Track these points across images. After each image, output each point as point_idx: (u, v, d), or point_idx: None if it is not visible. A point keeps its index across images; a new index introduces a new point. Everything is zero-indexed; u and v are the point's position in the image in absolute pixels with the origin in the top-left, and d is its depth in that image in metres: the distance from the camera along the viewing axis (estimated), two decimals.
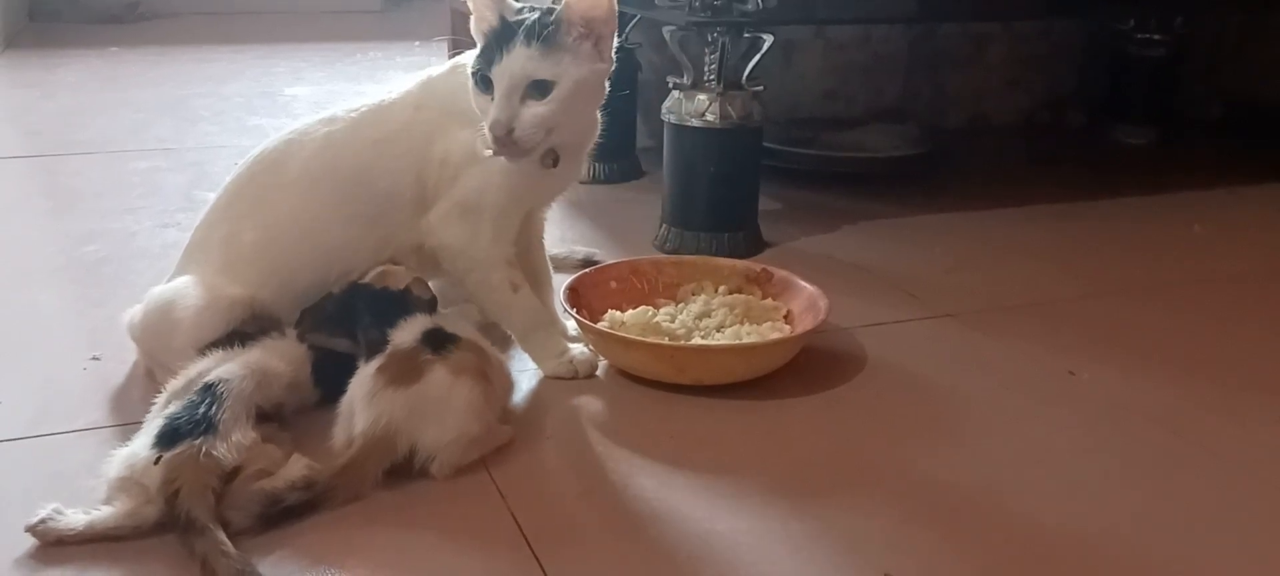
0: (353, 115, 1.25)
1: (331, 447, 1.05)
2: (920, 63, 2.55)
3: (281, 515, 0.96)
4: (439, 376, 1.05)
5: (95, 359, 1.27)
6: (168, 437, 0.96)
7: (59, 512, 0.92)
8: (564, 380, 1.27)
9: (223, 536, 0.90)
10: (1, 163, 2.20)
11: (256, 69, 3.17)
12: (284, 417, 1.09)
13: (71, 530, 0.92)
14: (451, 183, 1.22)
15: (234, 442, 0.97)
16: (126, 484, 0.95)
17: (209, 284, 1.18)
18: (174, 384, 1.06)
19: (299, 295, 1.20)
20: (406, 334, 1.09)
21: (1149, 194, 2.13)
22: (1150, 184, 2.19)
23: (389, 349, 1.08)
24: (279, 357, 1.12)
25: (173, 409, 1.00)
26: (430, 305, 1.16)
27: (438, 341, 1.08)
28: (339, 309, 1.17)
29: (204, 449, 0.95)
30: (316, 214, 1.21)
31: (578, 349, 1.29)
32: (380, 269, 1.19)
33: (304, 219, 1.21)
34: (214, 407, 0.99)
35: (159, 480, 0.93)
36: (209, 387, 1.01)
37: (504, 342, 1.30)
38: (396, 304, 1.14)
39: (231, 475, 0.95)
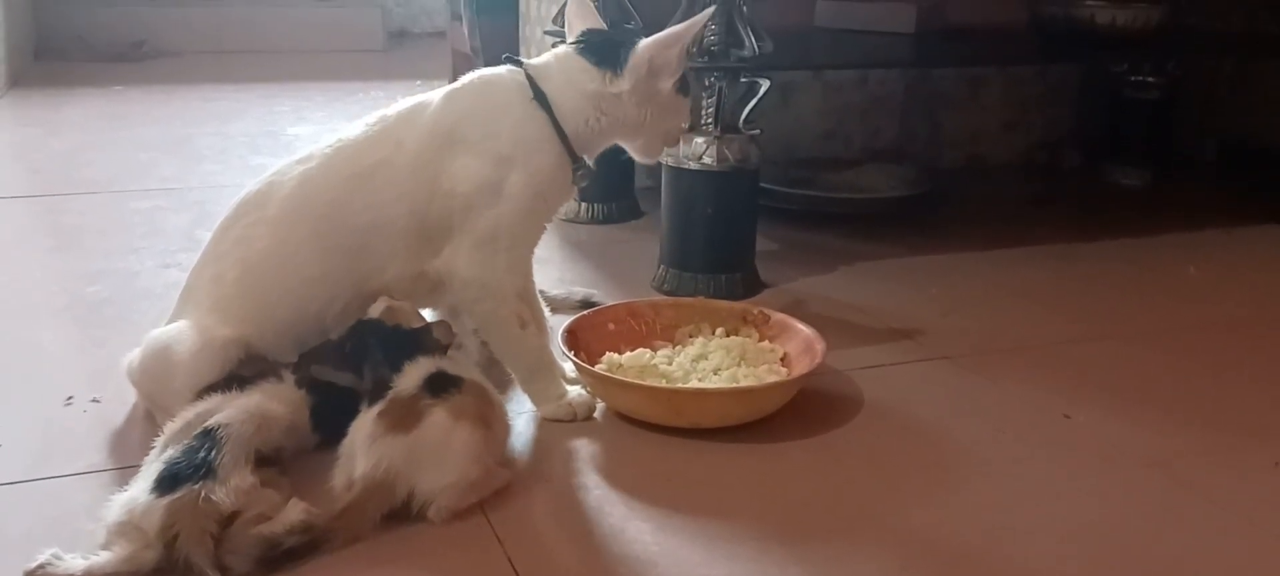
0: (327, 151, 1.24)
1: (331, 490, 1.06)
2: (917, 104, 2.57)
3: (281, 558, 0.96)
4: (439, 420, 1.06)
5: (95, 400, 1.28)
6: (167, 482, 0.97)
7: (57, 557, 0.93)
8: (562, 422, 1.27)
9: None
10: (5, 201, 2.21)
11: (260, 108, 3.20)
12: (283, 462, 1.09)
13: (70, 575, 0.92)
14: (464, 213, 1.21)
15: (233, 487, 0.98)
16: (125, 528, 0.95)
17: (202, 326, 1.18)
18: (172, 427, 1.06)
19: (279, 328, 1.20)
20: (409, 378, 1.10)
21: (1145, 235, 2.15)
22: (1146, 225, 2.21)
23: (391, 394, 1.08)
24: (278, 401, 1.12)
25: (171, 453, 1.01)
26: (444, 348, 1.16)
27: (439, 385, 1.09)
28: (349, 343, 1.17)
29: (203, 493, 0.96)
30: (294, 248, 1.21)
31: (576, 391, 1.30)
32: (385, 304, 1.19)
33: (282, 253, 1.21)
34: (213, 452, 1.00)
35: (158, 524, 0.93)
36: (208, 432, 1.02)
37: (502, 384, 1.31)
38: (409, 344, 1.15)
39: (230, 519, 0.96)
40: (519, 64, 1.27)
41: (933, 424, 1.32)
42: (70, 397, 1.29)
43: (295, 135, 2.82)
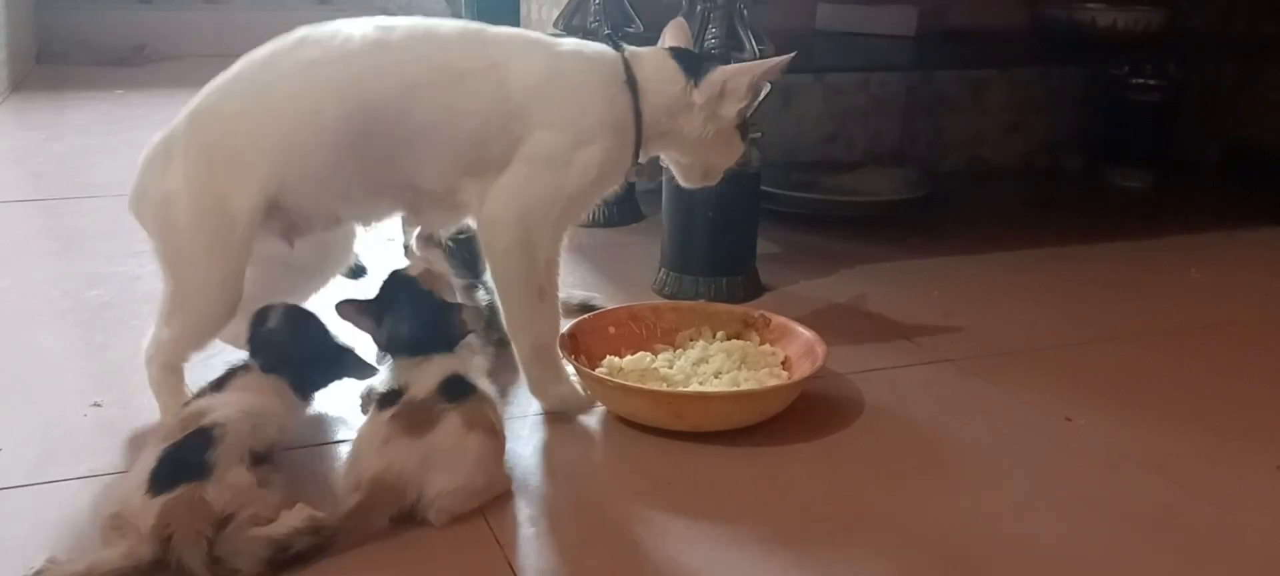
0: (414, 29, 1.23)
1: (338, 493, 1.06)
2: (919, 107, 2.57)
3: (290, 561, 0.96)
4: (453, 427, 1.06)
5: (97, 404, 1.28)
6: (163, 481, 0.96)
7: (54, 562, 0.93)
8: (556, 416, 1.27)
9: None
10: (7, 205, 2.21)
11: None
12: (274, 459, 1.08)
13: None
14: (527, 163, 1.21)
15: (229, 486, 0.97)
16: (120, 522, 0.95)
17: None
18: (169, 423, 1.06)
19: (308, 184, 1.17)
20: (425, 381, 1.10)
21: (1146, 238, 2.15)
22: (1147, 228, 2.21)
23: (405, 397, 1.08)
24: (269, 395, 1.11)
25: (166, 449, 1.00)
26: (465, 333, 1.16)
27: (455, 391, 1.09)
28: (380, 290, 1.18)
29: (198, 493, 0.95)
30: (347, 108, 1.17)
31: (573, 388, 1.30)
32: (424, 265, 1.19)
33: (331, 107, 1.17)
34: (209, 452, 0.99)
35: (152, 523, 0.93)
36: (204, 431, 1.01)
37: (502, 389, 1.30)
38: (436, 313, 1.14)
39: (224, 521, 0.96)
40: (619, 47, 1.31)
41: (934, 427, 1.32)
42: (97, 403, 1.28)
43: None
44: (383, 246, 1.87)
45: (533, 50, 1.26)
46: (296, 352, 1.16)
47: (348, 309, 1.17)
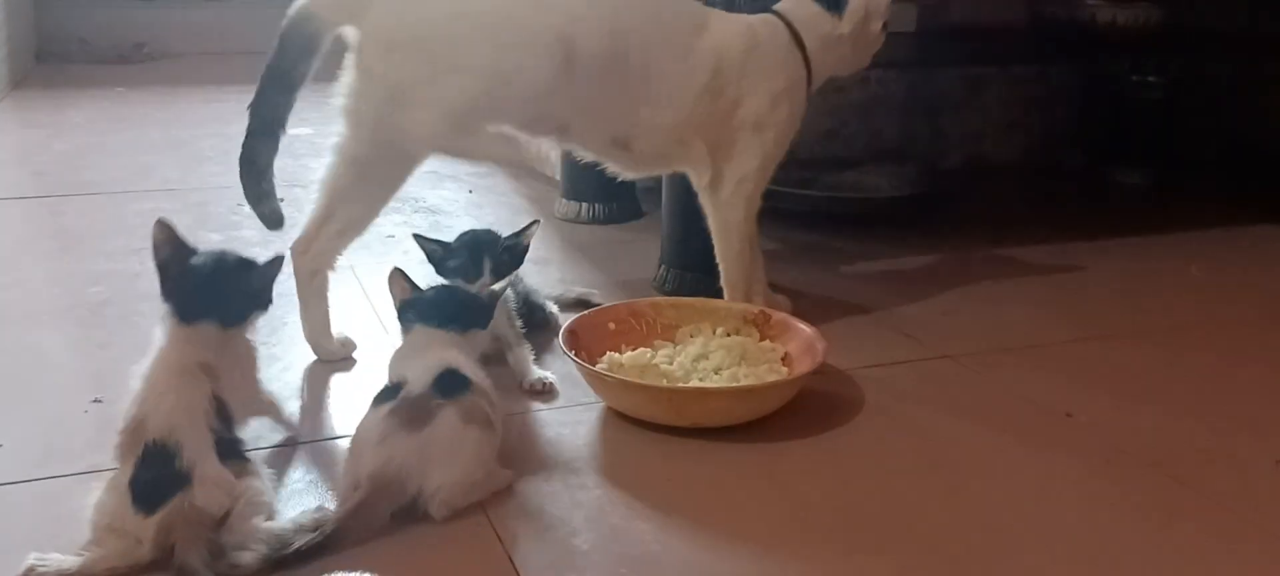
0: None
1: (338, 490, 1.06)
2: (919, 104, 2.57)
3: (291, 558, 0.96)
4: (450, 421, 1.06)
5: (97, 401, 1.28)
6: (150, 500, 0.95)
7: (42, 559, 0.93)
8: (555, 414, 1.27)
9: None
10: (8, 203, 2.22)
11: None
12: (243, 450, 1.06)
13: (62, 573, 0.92)
14: (742, 127, 1.45)
15: (212, 482, 0.97)
16: (113, 528, 0.95)
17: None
18: (123, 436, 1.01)
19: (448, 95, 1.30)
20: (420, 377, 1.10)
21: (1146, 235, 2.15)
22: (1147, 225, 2.21)
23: (402, 393, 1.09)
24: (193, 373, 1.04)
25: (133, 471, 0.97)
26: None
27: (450, 386, 1.09)
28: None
29: (188, 501, 0.95)
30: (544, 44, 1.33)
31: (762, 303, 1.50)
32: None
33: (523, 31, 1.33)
34: (177, 460, 0.97)
35: (152, 537, 0.94)
36: (159, 445, 0.98)
37: (499, 384, 1.31)
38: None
39: (222, 518, 0.96)
40: (776, 12, 1.51)
41: (934, 423, 1.32)
42: (97, 398, 1.28)
43: (295, 136, 2.80)
44: (380, 244, 1.87)
45: (728, 18, 1.46)
46: (211, 288, 1.09)
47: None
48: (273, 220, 1.37)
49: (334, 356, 1.44)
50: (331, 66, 1.38)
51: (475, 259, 1.37)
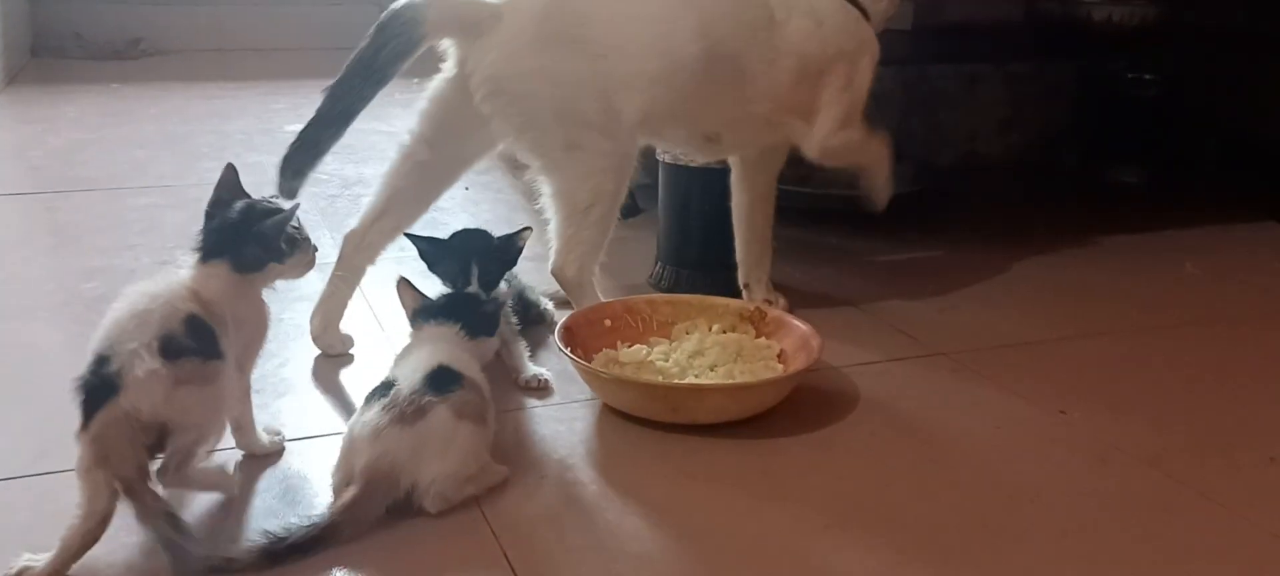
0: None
1: (332, 486, 1.06)
2: (914, 101, 2.56)
3: (285, 553, 0.96)
4: (442, 416, 1.06)
5: None
6: (86, 415, 0.95)
7: (34, 559, 0.93)
8: (554, 411, 1.27)
9: (153, 493, 0.92)
10: (2, 199, 2.21)
11: (257, 106, 3.20)
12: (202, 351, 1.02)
13: (47, 567, 0.92)
14: (834, 96, 1.55)
15: (139, 380, 0.94)
16: (79, 475, 0.95)
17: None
18: None
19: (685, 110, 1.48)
20: (412, 374, 1.10)
21: (1141, 233, 2.15)
22: (1143, 223, 2.21)
23: (394, 389, 1.09)
24: (206, 287, 1.07)
25: (78, 384, 0.97)
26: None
27: (442, 382, 1.09)
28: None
29: (116, 409, 0.94)
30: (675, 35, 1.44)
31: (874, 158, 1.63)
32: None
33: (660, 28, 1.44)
34: (107, 366, 0.96)
35: (89, 459, 0.93)
36: (99, 357, 0.98)
37: (493, 379, 1.31)
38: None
39: (160, 435, 0.95)
40: None
41: (929, 420, 1.32)
42: None
43: (292, 132, 2.80)
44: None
45: (787, 6, 1.52)
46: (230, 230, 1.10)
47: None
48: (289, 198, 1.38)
49: (334, 350, 1.44)
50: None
51: (463, 264, 1.35)
